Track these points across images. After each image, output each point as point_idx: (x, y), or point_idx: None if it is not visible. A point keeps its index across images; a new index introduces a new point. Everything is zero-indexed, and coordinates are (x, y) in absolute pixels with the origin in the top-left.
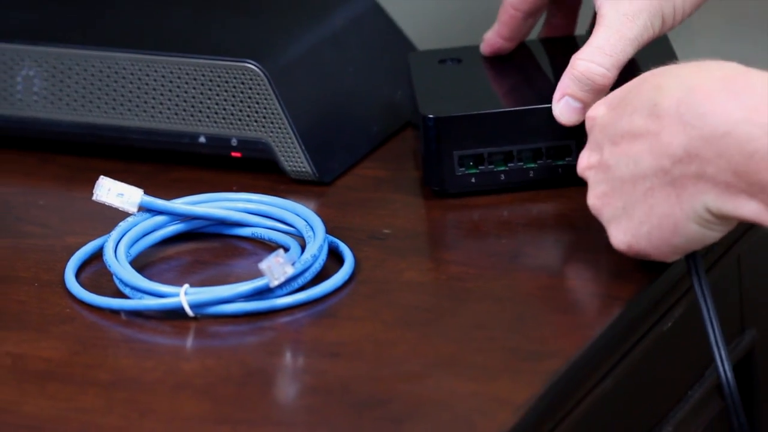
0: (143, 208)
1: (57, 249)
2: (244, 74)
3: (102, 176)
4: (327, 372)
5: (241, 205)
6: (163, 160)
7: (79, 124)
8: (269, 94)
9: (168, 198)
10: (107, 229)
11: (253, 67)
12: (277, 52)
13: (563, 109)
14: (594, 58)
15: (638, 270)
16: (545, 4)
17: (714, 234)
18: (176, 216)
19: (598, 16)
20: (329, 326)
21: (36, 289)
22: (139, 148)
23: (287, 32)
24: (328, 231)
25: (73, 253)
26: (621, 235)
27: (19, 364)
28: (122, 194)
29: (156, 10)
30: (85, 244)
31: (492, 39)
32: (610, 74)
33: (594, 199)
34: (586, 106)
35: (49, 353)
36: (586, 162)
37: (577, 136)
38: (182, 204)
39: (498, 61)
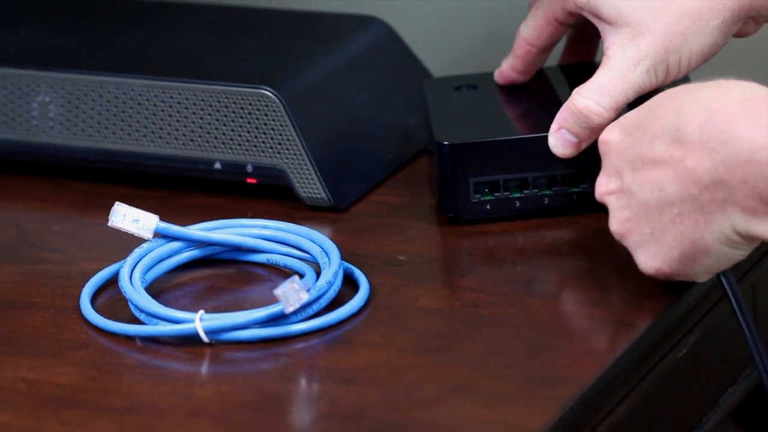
0: (158, 234)
1: (72, 275)
2: (259, 101)
3: (117, 202)
4: (342, 398)
5: (256, 231)
6: (179, 186)
7: (94, 150)
8: (285, 121)
9: (183, 224)
10: (122, 255)
11: (268, 93)
12: (293, 79)
13: (558, 141)
14: (594, 96)
15: (653, 297)
16: (559, 38)
17: (743, 252)
18: (192, 242)
19: (604, 56)
20: (344, 352)
21: (51, 315)
22: (154, 174)
23: (303, 59)
24: (343, 257)
25: (88, 279)
26: (651, 261)
27: (35, 389)
28: (138, 220)
29: (171, 36)
30: (100, 269)
31: (506, 72)
32: (608, 115)
33: (617, 225)
34: (581, 141)
35: (65, 379)
36: (605, 188)
37: (592, 163)
38: (197, 230)
39: (513, 88)
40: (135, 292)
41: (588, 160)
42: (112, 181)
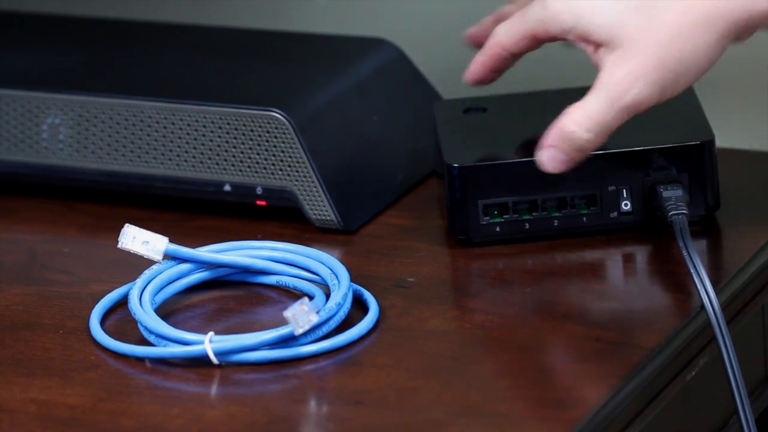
0: (168, 256)
1: (82, 296)
2: (269, 123)
3: (127, 224)
4: (351, 420)
5: (266, 253)
6: (188, 209)
7: (104, 172)
8: (294, 143)
9: (193, 246)
10: (132, 277)
11: (278, 115)
12: (303, 101)
13: (547, 158)
14: (582, 122)
15: (662, 319)
16: (534, 48)
17: None
18: (201, 264)
19: (597, 78)
20: (353, 374)
21: (61, 337)
22: (164, 196)
23: (312, 81)
24: (353, 279)
25: (98, 301)
26: None
27: (44, 410)
28: (147, 242)
29: (181, 58)
30: (109, 291)
31: (475, 67)
32: (597, 140)
33: None
34: (570, 161)
35: (74, 400)
36: None
37: (601, 185)
38: (207, 252)
39: (523, 110)
40: (144, 313)
41: (598, 182)
42: (122, 203)
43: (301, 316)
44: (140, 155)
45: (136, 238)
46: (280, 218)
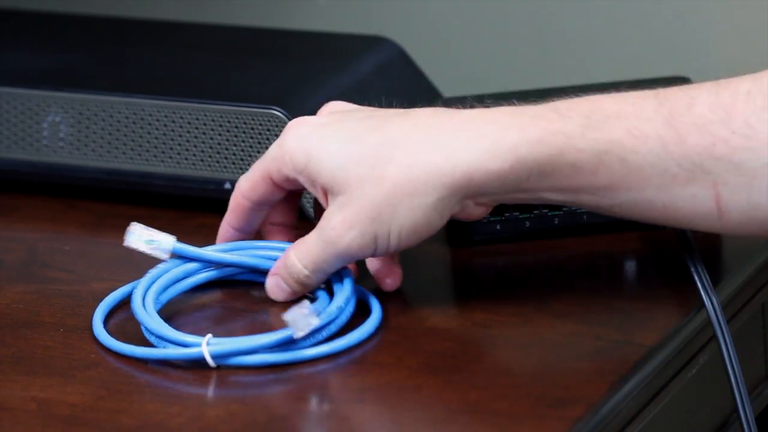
0: (175, 255)
1: (82, 294)
2: (269, 121)
3: (133, 222)
4: (351, 418)
5: (272, 253)
6: (189, 207)
7: (104, 170)
8: None
9: (194, 244)
10: (133, 275)
11: (278, 113)
12: (303, 99)
13: (271, 285)
14: (302, 258)
15: (663, 317)
16: (275, 199)
17: None
18: (208, 263)
19: (319, 223)
20: (354, 372)
21: (61, 335)
22: (164, 194)
23: (313, 79)
24: (354, 276)
25: (99, 299)
26: None
27: (45, 409)
28: (153, 241)
29: (181, 56)
30: (111, 289)
31: (223, 227)
32: (315, 278)
33: None
34: (292, 292)
35: (75, 398)
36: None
37: None
38: (214, 251)
39: None
40: (146, 314)
41: None
42: (123, 201)
43: (300, 320)
44: (140, 153)
45: (142, 237)
46: None
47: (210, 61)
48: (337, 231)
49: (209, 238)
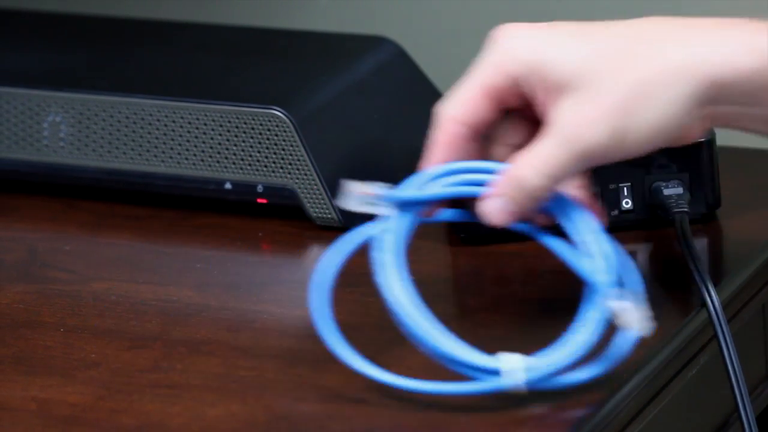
0: (398, 207)
1: (83, 294)
2: (270, 121)
3: (347, 181)
4: (352, 418)
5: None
6: (189, 207)
7: (105, 170)
8: (295, 141)
9: (194, 246)
10: (133, 275)
11: (279, 113)
12: (304, 99)
13: (496, 208)
14: (535, 166)
15: (663, 317)
16: (494, 120)
17: None
18: (431, 202)
19: (550, 122)
20: (355, 372)
21: (62, 335)
22: (164, 194)
23: (313, 79)
24: (354, 278)
25: (100, 299)
26: None
27: (45, 408)
28: (373, 197)
29: (182, 56)
30: (111, 289)
31: (432, 156)
32: (549, 186)
33: None
34: (518, 210)
35: (75, 398)
36: None
37: (602, 183)
38: (441, 187)
39: None
40: (428, 328)
41: (599, 181)
42: (123, 201)
43: (632, 314)
44: (141, 153)
45: (362, 199)
46: (281, 216)
47: (210, 61)
48: (580, 127)
49: (209, 238)
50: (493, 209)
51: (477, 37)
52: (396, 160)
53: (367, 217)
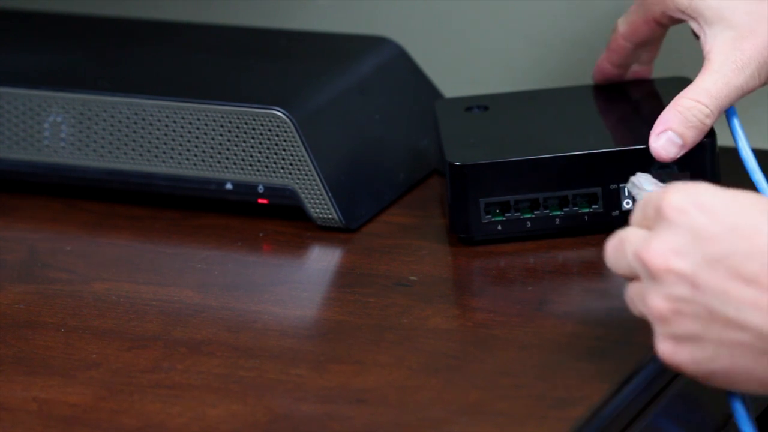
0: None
1: (83, 295)
2: (271, 121)
3: (639, 174)
4: (353, 418)
5: None
6: (190, 207)
7: (105, 170)
8: (296, 141)
9: (194, 246)
10: (134, 275)
11: (280, 114)
12: (304, 100)
13: (665, 143)
14: (700, 98)
15: None
16: (654, 38)
17: None
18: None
19: (706, 60)
20: (355, 372)
21: (63, 335)
22: (165, 194)
23: (314, 79)
24: (354, 278)
25: (100, 299)
26: (677, 354)
27: (45, 409)
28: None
29: (183, 56)
30: (111, 289)
31: (602, 64)
32: (714, 116)
33: (663, 300)
34: (686, 143)
35: (75, 399)
36: (668, 251)
37: (603, 183)
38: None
39: (524, 108)
40: None
41: (599, 181)
42: (124, 201)
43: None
44: (142, 153)
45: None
46: (282, 216)
47: (211, 62)
48: (738, 64)
49: (210, 238)
50: (661, 144)
51: (477, 37)
52: (396, 160)
53: (368, 218)
